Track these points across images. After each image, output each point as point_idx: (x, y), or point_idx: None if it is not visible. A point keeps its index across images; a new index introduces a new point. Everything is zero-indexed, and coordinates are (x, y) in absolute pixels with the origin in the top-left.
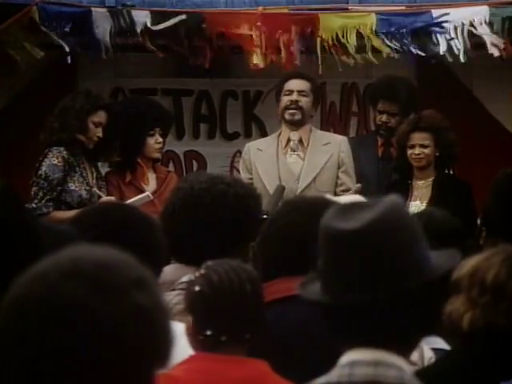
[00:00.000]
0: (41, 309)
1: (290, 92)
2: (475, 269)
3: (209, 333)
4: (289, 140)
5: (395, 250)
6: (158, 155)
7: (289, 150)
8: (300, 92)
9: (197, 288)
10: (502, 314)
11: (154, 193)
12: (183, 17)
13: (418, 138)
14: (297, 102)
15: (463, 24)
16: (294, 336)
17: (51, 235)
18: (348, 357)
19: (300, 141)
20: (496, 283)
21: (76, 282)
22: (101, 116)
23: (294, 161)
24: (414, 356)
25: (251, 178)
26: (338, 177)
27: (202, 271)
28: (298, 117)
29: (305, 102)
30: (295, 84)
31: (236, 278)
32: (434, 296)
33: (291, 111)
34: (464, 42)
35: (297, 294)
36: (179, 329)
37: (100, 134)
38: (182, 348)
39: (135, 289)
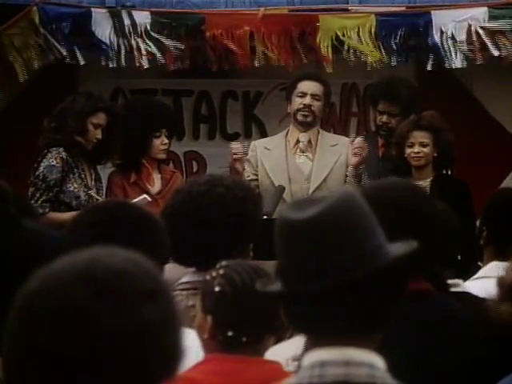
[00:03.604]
0: (47, 306)
1: (304, 94)
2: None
3: (230, 334)
4: (298, 141)
5: (343, 238)
6: (163, 156)
7: (298, 150)
8: (314, 96)
9: (217, 288)
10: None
11: (158, 193)
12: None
13: (418, 136)
14: (310, 106)
15: (463, 25)
16: None
17: (38, 238)
18: (314, 356)
19: (309, 142)
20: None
21: (85, 287)
22: (100, 118)
23: (303, 161)
24: None
25: (257, 174)
26: (346, 176)
27: (221, 271)
28: (309, 119)
29: (317, 106)
30: (309, 87)
31: (257, 278)
32: (392, 283)
33: (304, 113)
34: (463, 43)
35: None
36: (190, 337)
37: (99, 136)
38: (193, 356)
39: (144, 301)
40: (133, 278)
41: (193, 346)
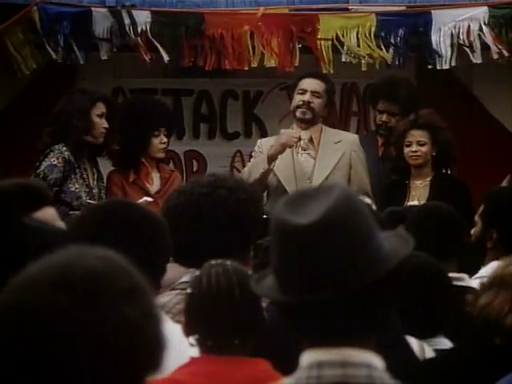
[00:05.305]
0: (27, 317)
1: (304, 91)
2: None
3: (196, 337)
4: (299, 139)
5: (348, 245)
6: (161, 155)
7: (299, 148)
8: (313, 93)
9: (188, 290)
10: None
11: (157, 192)
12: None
13: (416, 135)
14: (309, 102)
15: (463, 25)
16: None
17: (38, 236)
18: (312, 356)
19: (310, 140)
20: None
21: (63, 294)
22: (101, 107)
23: (305, 159)
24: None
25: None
26: (348, 176)
27: (197, 272)
28: (308, 116)
29: (317, 103)
30: (310, 84)
31: (225, 281)
32: (390, 283)
33: (302, 110)
34: (464, 42)
35: None
36: (176, 331)
37: (106, 125)
38: (179, 352)
39: (124, 300)
40: (110, 277)
41: (174, 339)
